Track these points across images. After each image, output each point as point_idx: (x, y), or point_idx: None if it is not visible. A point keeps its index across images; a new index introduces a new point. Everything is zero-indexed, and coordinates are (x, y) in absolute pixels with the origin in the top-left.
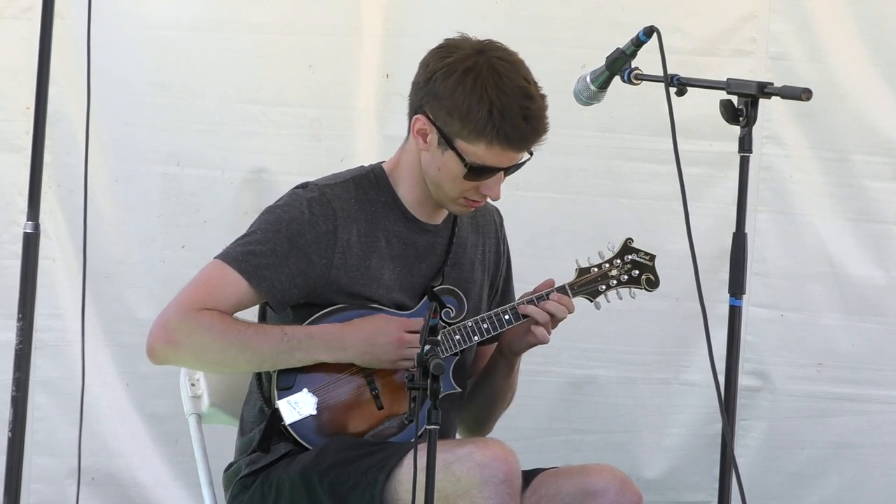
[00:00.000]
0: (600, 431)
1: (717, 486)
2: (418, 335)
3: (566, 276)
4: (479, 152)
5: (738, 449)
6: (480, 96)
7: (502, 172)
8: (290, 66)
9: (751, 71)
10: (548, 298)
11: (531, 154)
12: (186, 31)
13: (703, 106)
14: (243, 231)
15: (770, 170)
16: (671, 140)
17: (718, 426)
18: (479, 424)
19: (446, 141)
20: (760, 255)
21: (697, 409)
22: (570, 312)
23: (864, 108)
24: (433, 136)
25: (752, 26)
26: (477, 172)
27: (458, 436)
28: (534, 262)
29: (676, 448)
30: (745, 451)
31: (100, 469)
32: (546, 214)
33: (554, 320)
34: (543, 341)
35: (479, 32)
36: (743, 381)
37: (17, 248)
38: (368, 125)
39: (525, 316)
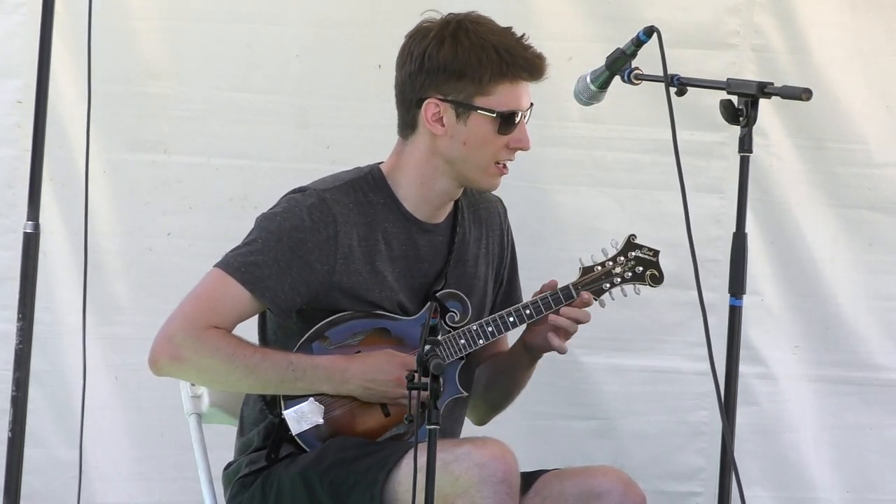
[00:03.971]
0: (585, 417)
1: (701, 474)
2: None
3: (551, 264)
4: (502, 97)
5: (719, 435)
6: (482, 44)
7: (524, 121)
8: (278, 56)
9: (733, 63)
10: (552, 303)
11: (531, 105)
12: (174, 20)
13: (686, 97)
14: (229, 217)
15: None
16: (655, 130)
17: (703, 413)
18: (492, 412)
19: (466, 107)
20: None
21: (682, 396)
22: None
23: (841, 98)
24: (449, 114)
25: (736, 19)
26: (507, 120)
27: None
28: (520, 251)
29: (661, 435)
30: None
31: (87, 462)
32: (532, 204)
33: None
34: (561, 351)
35: None
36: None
37: (6, 240)
38: (357, 114)
39: (529, 317)
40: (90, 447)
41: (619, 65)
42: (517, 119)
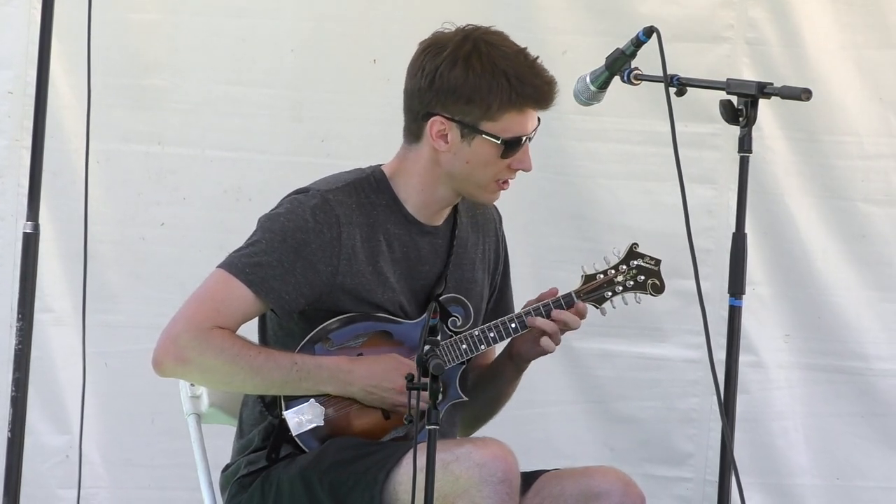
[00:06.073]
0: (576, 402)
1: (690, 460)
2: None
3: (544, 251)
4: (509, 124)
5: (711, 423)
6: (493, 71)
7: (528, 143)
8: (273, 50)
9: (727, 56)
10: (553, 308)
11: (539, 121)
12: (170, 13)
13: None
14: (222, 209)
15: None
16: (649, 122)
17: (692, 400)
18: (476, 423)
19: (471, 129)
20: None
21: (672, 383)
22: (582, 318)
23: (834, 91)
24: (454, 133)
25: (730, 13)
26: (511, 146)
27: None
28: (513, 240)
29: (651, 420)
30: (717, 426)
31: (74, 447)
32: (526, 191)
33: (565, 329)
34: (549, 351)
35: (462, 18)
36: (717, 354)
37: None
38: (352, 108)
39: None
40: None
41: (619, 65)
42: (521, 143)
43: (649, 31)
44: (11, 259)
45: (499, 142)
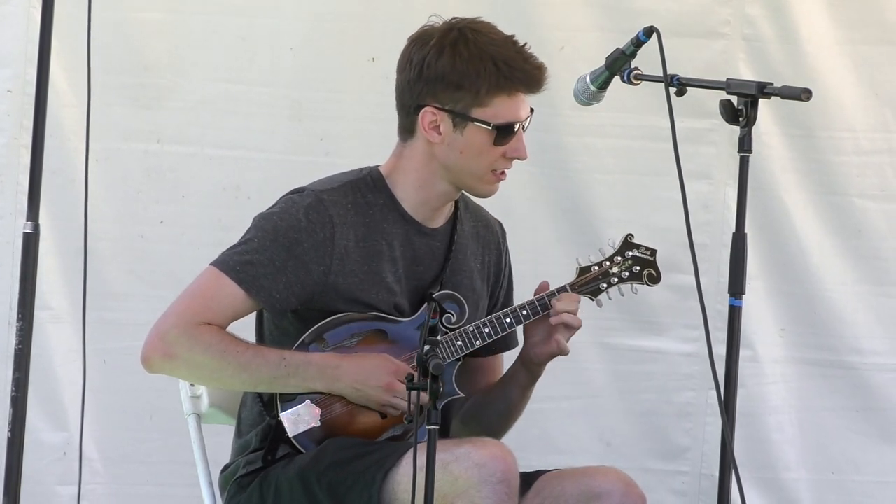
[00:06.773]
0: (572, 397)
1: (687, 454)
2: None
3: (542, 246)
4: (500, 109)
5: (707, 417)
6: (480, 55)
7: (522, 130)
8: (273, 48)
9: (724, 53)
10: (551, 303)
11: (532, 111)
12: (169, 12)
13: None
14: (221, 206)
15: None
16: (645, 117)
17: (689, 394)
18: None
19: (463, 117)
20: (729, 227)
21: (668, 376)
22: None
23: (831, 87)
24: (446, 123)
25: (727, 9)
26: (504, 132)
27: None
28: (510, 235)
29: (647, 414)
30: (713, 420)
31: (71, 444)
32: (523, 186)
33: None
34: (564, 352)
35: (460, 15)
36: (714, 349)
37: None
38: (351, 107)
39: (526, 318)
40: (77, 430)
41: (619, 65)
42: (514, 130)
43: (649, 31)
44: (10, 257)
45: (490, 127)
